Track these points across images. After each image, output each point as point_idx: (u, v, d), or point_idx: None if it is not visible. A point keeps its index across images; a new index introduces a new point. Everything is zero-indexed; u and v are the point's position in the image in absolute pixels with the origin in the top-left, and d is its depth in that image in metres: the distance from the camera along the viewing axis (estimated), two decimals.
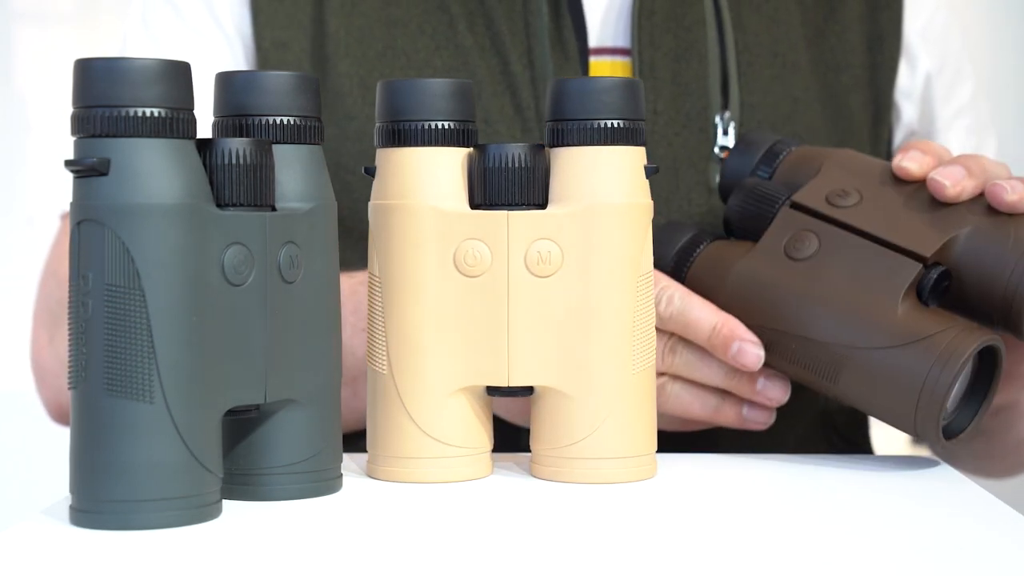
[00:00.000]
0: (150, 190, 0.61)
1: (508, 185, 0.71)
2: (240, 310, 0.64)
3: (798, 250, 0.78)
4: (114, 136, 0.61)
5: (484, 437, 0.73)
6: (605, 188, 0.71)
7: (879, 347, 0.73)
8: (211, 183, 0.64)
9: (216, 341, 0.63)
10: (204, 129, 0.66)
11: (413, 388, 0.71)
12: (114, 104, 0.61)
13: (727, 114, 0.91)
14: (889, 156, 0.97)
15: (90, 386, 0.61)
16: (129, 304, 0.61)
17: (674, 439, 0.80)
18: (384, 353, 0.72)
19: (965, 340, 0.72)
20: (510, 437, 0.83)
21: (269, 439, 0.67)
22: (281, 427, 0.67)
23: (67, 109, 0.63)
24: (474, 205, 0.71)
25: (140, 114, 0.61)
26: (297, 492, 0.67)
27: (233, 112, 0.68)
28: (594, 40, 0.93)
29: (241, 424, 0.67)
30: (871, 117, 0.96)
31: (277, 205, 0.66)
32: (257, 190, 0.65)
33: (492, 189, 0.71)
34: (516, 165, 0.71)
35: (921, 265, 0.75)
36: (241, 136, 0.67)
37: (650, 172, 0.72)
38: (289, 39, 0.93)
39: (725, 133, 0.91)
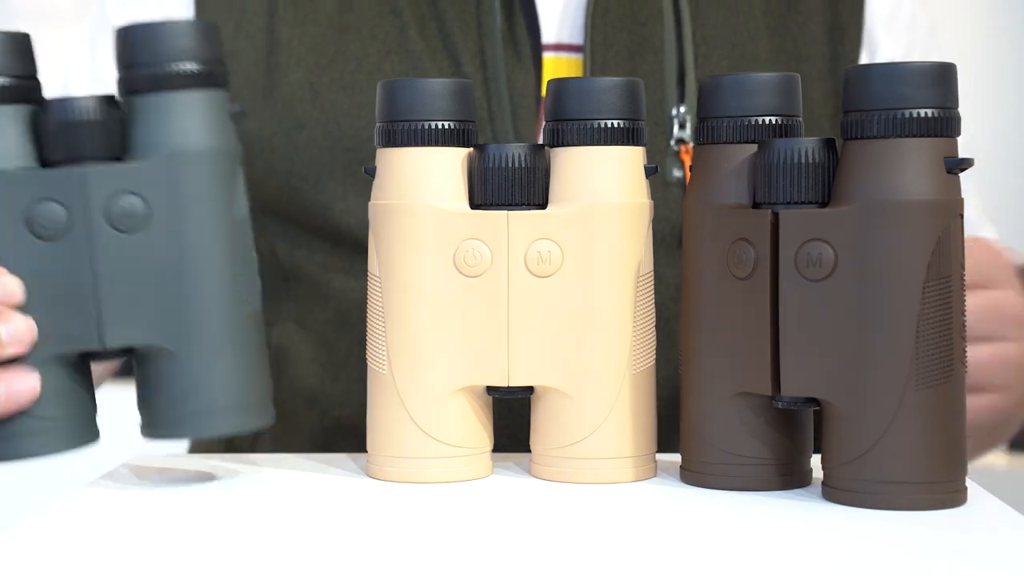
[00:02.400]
0: None
1: (508, 185, 0.71)
2: (58, 263, 0.67)
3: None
4: None
5: (484, 437, 0.73)
6: (605, 188, 0.70)
7: None
8: (44, 142, 0.67)
9: (32, 294, 0.66)
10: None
11: (413, 388, 0.71)
12: None
13: (683, 107, 0.92)
14: None
15: None
16: None
17: (673, 438, 0.80)
18: (384, 353, 0.72)
19: None
20: (510, 437, 0.83)
21: (153, 383, 0.69)
22: (158, 372, 0.69)
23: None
24: (474, 205, 0.71)
25: None
26: (202, 430, 0.70)
27: (124, 65, 0.69)
28: (549, 37, 0.93)
29: (141, 372, 0.69)
30: (833, 109, 0.96)
31: (146, 155, 0.67)
32: (87, 145, 0.67)
33: (492, 189, 0.71)
34: (516, 165, 0.70)
35: None
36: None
37: (650, 172, 0.72)
38: (239, 49, 0.93)
39: (682, 127, 0.91)
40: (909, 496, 0.65)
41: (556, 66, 0.93)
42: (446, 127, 0.71)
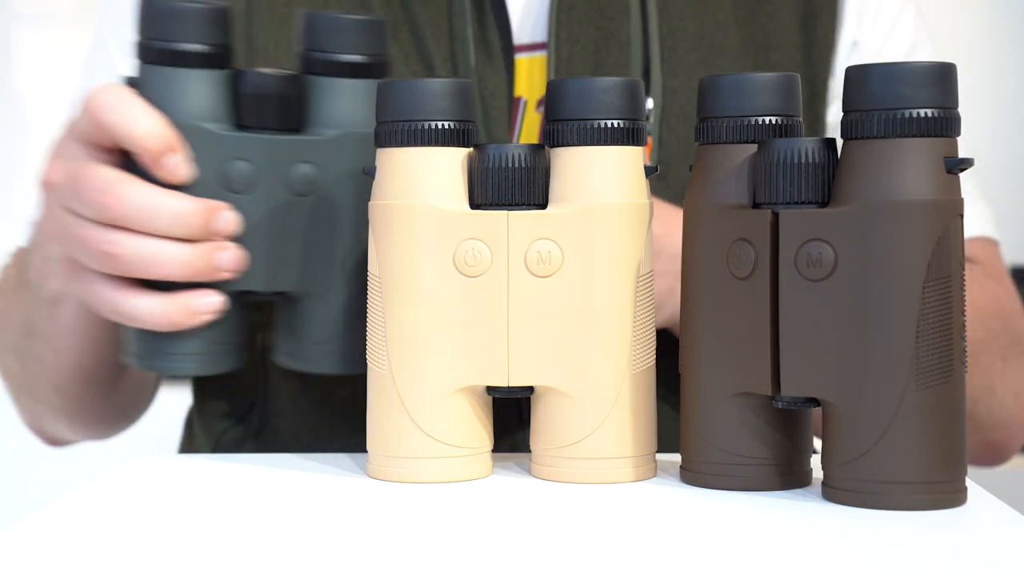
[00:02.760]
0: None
1: (508, 185, 0.71)
2: (242, 213, 0.76)
3: None
4: (159, 64, 0.76)
5: (484, 437, 0.73)
6: (605, 188, 0.70)
7: None
8: (239, 108, 0.77)
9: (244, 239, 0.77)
10: None
11: (413, 388, 0.71)
12: (161, 38, 0.76)
13: (648, 100, 0.92)
14: (824, 135, 0.97)
15: None
16: None
17: (673, 438, 0.80)
18: (384, 353, 0.72)
19: None
20: (510, 437, 0.83)
21: (295, 322, 0.80)
22: (303, 313, 0.79)
23: (67, 109, 0.64)
24: (474, 205, 0.71)
25: (179, 48, 0.76)
26: (323, 364, 0.79)
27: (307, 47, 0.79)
28: (520, 38, 0.94)
29: (282, 310, 0.81)
30: (807, 97, 0.96)
31: (317, 130, 0.77)
32: (273, 116, 0.77)
33: (492, 189, 0.71)
34: (516, 165, 0.70)
35: None
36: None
37: (650, 172, 0.72)
38: None
39: (646, 119, 0.92)
40: (909, 496, 0.65)
41: (528, 67, 0.93)
42: (446, 127, 0.71)
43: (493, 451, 0.74)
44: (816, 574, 0.56)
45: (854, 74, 0.66)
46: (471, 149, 0.72)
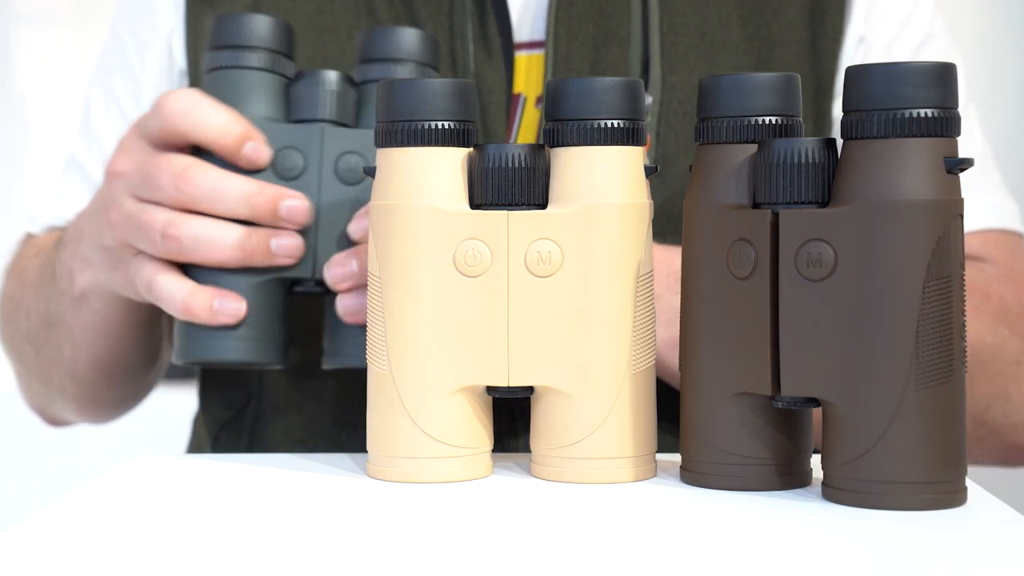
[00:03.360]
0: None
1: (508, 185, 0.71)
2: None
3: None
4: (225, 68, 0.83)
5: (484, 437, 0.73)
6: (605, 188, 0.70)
7: None
8: (293, 104, 0.83)
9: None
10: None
11: (413, 388, 0.71)
12: (231, 46, 0.83)
13: (647, 97, 0.92)
14: (833, 131, 0.97)
15: None
16: None
17: (673, 438, 0.80)
18: (384, 353, 0.72)
19: None
20: (510, 437, 0.83)
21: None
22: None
23: (67, 109, 0.64)
24: (474, 205, 0.71)
25: (242, 59, 0.83)
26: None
27: (363, 59, 0.85)
28: (520, 35, 0.94)
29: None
30: (812, 92, 0.96)
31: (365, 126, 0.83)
32: (330, 109, 0.83)
33: (492, 189, 0.71)
34: (516, 165, 0.70)
35: None
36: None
37: (650, 172, 0.72)
38: None
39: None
40: (909, 496, 0.65)
41: (528, 64, 0.93)
42: (446, 127, 0.71)
43: (493, 451, 0.74)
44: (816, 574, 0.56)
45: (854, 74, 0.66)
46: (471, 149, 0.72)
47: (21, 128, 2.38)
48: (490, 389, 0.72)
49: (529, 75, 0.93)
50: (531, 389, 0.72)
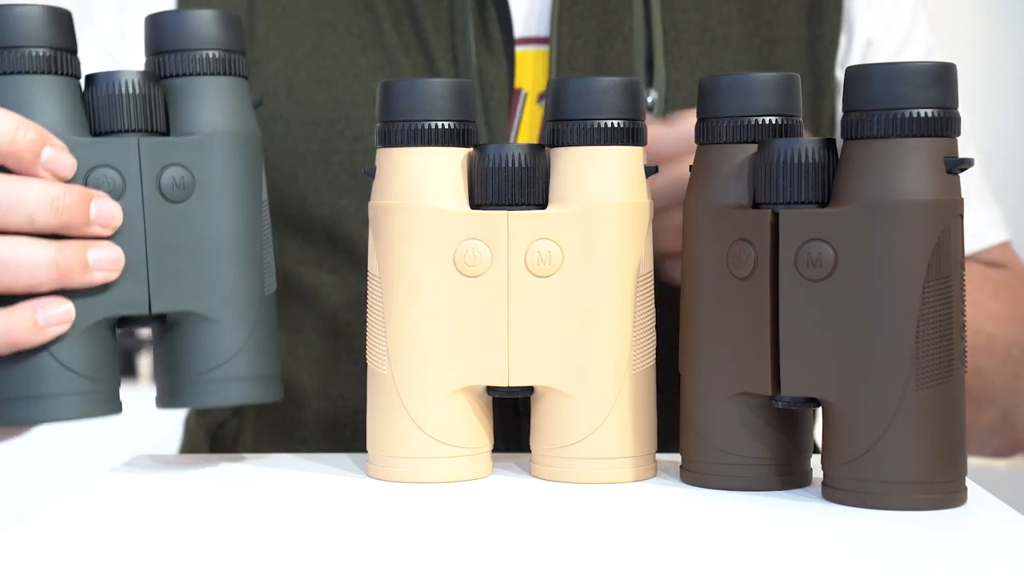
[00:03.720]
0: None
1: (508, 185, 0.71)
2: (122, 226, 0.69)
3: None
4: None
5: (484, 437, 0.73)
6: (605, 188, 0.70)
7: None
8: (92, 114, 0.70)
9: None
10: None
11: (413, 388, 0.71)
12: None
13: (652, 92, 0.92)
14: (832, 131, 0.98)
15: None
16: None
17: (673, 438, 0.80)
18: (384, 353, 0.72)
19: None
20: (510, 436, 0.83)
21: (179, 350, 0.72)
22: (187, 338, 0.72)
23: None
24: (474, 205, 0.71)
25: (19, 54, 0.69)
26: (213, 398, 0.72)
27: (155, 51, 0.73)
28: (520, 31, 0.94)
29: (161, 339, 0.73)
30: (810, 90, 0.96)
31: (182, 132, 0.71)
32: (136, 117, 0.70)
33: (492, 189, 0.71)
34: (516, 165, 0.70)
35: None
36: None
37: (650, 172, 0.72)
38: None
39: (650, 110, 0.92)
40: (909, 496, 0.65)
41: (528, 60, 0.93)
42: (446, 127, 0.71)
43: (493, 451, 0.74)
44: (816, 574, 0.56)
45: (854, 74, 0.66)
46: (471, 149, 0.72)
47: None
48: (490, 389, 0.72)
49: (532, 71, 0.93)
50: (531, 389, 0.72)
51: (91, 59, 0.97)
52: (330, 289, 0.92)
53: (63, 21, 0.70)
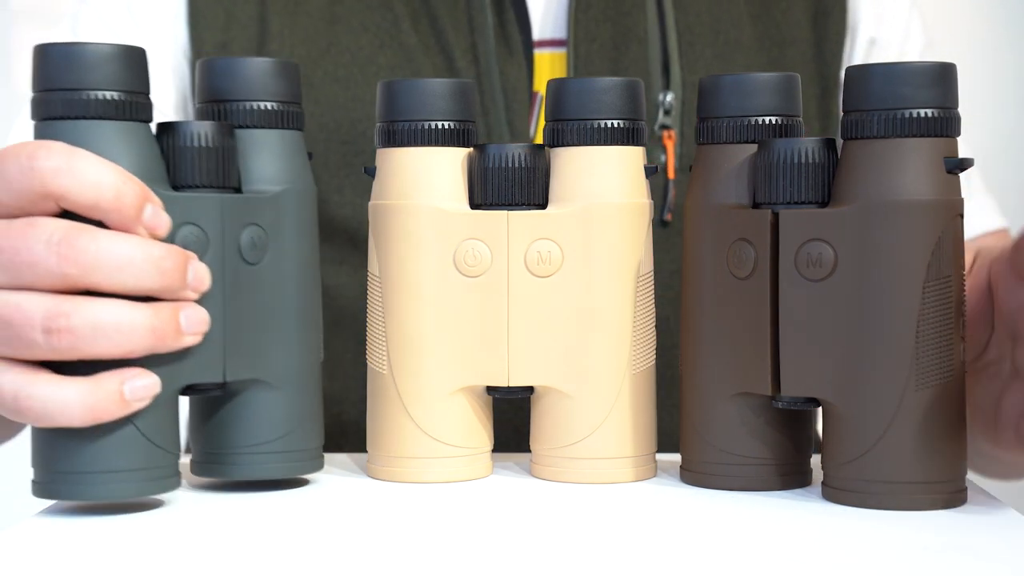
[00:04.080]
0: None
1: (508, 185, 0.71)
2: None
3: None
4: (64, 119, 0.63)
5: (484, 437, 0.73)
6: (605, 188, 0.70)
7: None
8: (170, 166, 0.65)
9: None
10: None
11: (413, 388, 0.71)
12: (66, 88, 0.63)
13: (669, 94, 0.92)
14: (838, 133, 0.98)
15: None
16: None
17: (673, 438, 0.80)
18: (384, 353, 0.72)
19: None
20: (510, 437, 0.83)
21: (237, 418, 0.68)
22: (249, 406, 0.68)
23: None
24: (474, 205, 0.71)
25: (89, 97, 0.63)
26: (268, 471, 0.69)
27: (211, 98, 0.69)
28: (538, 33, 0.94)
29: (211, 404, 0.69)
30: (819, 91, 0.97)
31: (246, 188, 0.68)
32: (215, 172, 0.66)
33: (492, 189, 0.71)
34: (516, 165, 0.70)
35: None
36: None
37: (650, 172, 0.72)
38: (230, 40, 0.93)
39: (667, 113, 0.92)
40: (909, 496, 0.65)
41: (545, 62, 0.93)
42: (446, 127, 0.71)
43: (493, 451, 0.74)
44: (816, 574, 0.56)
45: (854, 74, 0.66)
46: (471, 149, 0.72)
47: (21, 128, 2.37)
48: (490, 389, 0.72)
49: (548, 73, 0.93)
50: (531, 389, 0.72)
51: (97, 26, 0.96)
52: (352, 291, 0.92)
53: (138, 61, 0.65)
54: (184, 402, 0.68)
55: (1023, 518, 0.64)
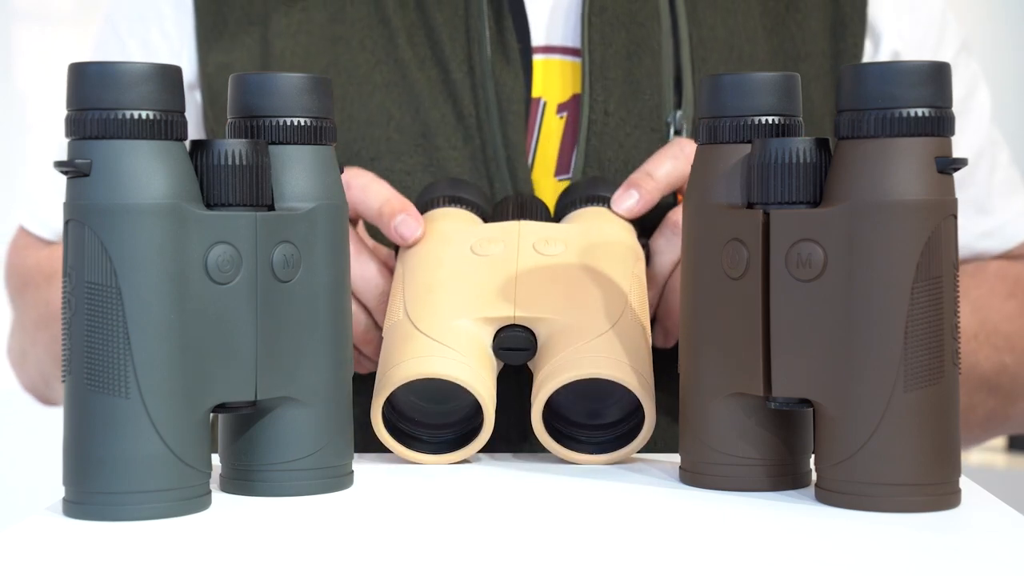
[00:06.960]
0: (128, 190, 0.62)
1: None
2: (226, 308, 0.64)
3: None
4: (100, 138, 0.63)
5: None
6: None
7: None
8: (203, 184, 0.65)
9: (198, 338, 0.63)
10: None
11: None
12: (101, 107, 0.63)
13: (679, 113, 0.91)
14: None
15: (74, 380, 0.63)
16: (106, 302, 0.62)
17: (673, 439, 0.80)
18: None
19: None
20: (511, 434, 0.83)
21: (268, 436, 0.67)
22: (280, 424, 0.67)
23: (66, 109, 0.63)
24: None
25: (124, 116, 0.63)
26: (299, 488, 0.68)
27: (244, 114, 0.68)
28: (539, 39, 0.93)
29: (242, 420, 0.68)
30: (834, 106, 0.96)
31: (278, 205, 0.67)
32: (249, 190, 0.65)
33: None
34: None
35: None
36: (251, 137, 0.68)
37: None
38: (233, 61, 0.93)
39: (678, 132, 0.91)
40: (899, 498, 0.64)
41: (547, 68, 0.93)
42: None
43: (493, 451, 0.74)
44: (815, 574, 0.56)
45: (848, 73, 0.66)
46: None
47: (21, 128, 2.38)
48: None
49: (556, 80, 0.92)
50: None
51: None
52: None
53: (174, 79, 0.64)
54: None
55: (1022, 518, 0.64)
